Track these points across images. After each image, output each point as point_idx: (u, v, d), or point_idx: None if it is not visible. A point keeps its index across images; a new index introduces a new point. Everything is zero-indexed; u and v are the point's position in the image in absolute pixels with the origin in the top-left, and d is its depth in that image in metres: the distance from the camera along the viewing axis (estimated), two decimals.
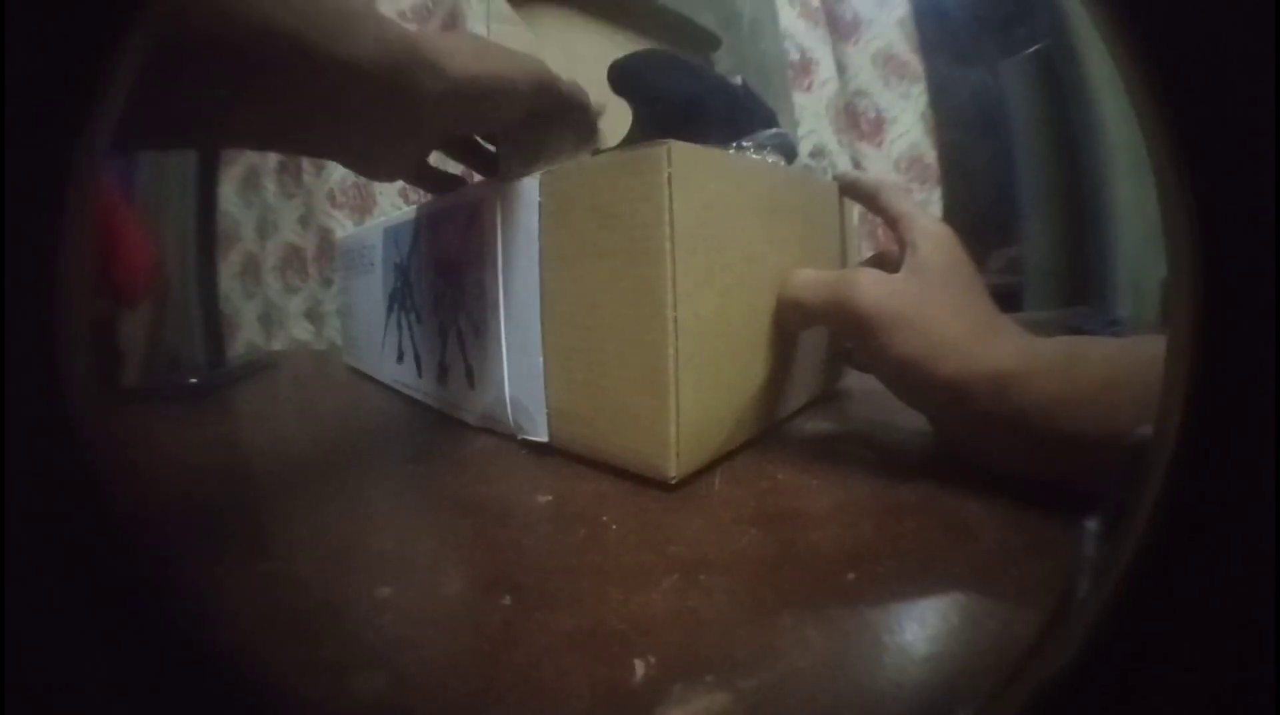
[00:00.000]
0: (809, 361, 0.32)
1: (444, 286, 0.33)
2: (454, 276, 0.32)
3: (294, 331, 0.69)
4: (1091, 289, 0.59)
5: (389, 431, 0.36)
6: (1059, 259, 0.61)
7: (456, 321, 0.32)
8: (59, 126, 0.09)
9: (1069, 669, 0.11)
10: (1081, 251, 0.59)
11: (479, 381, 0.31)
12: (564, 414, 0.27)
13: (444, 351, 0.34)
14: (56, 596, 0.10)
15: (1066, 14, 0.58)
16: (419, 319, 0.37)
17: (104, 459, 0.10)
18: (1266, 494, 0.09)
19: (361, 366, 0.50)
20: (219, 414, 0.43)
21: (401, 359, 0.40)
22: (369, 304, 0.44)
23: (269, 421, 0.42)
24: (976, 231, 0.33)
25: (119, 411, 0.34)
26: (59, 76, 0.09)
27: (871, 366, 0.25)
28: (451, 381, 0.33)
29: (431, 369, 0.36)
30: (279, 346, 0.69)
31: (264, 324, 0.69)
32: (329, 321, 0.68)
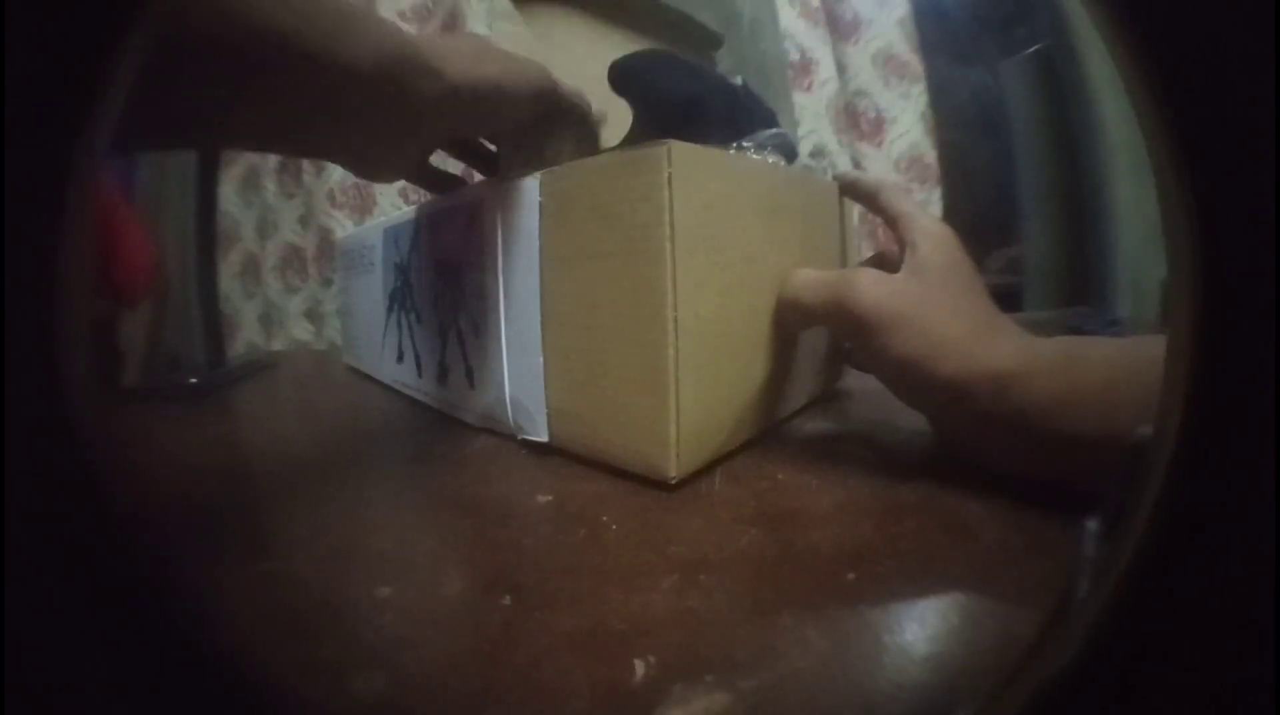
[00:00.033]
0: (809, 361, 0.32)
1: (444, 286, 0.33)
2: (454, 276, 0.32)
3: (294, 331, 0.70)
4: (1091, 289, 0.59)
5: (389, 431, 0.36)
6: (1059, 259, 0.61)
7: (456, 321, 0.32)
8: (59, 126, 0.09)
9: (1069, 669, 0.11)
10: (1081, 251, 0.59)
11: (479, 381, 0.31)
12: (564, 414, 0.27)
13: (444, 351, 0.34)
14: (56, 596, 0.10)
15: (1066, 14, 0.58)
16: (419, 319, 0.37)
17: (104, 459, 0.10)
18: (1266, 494, 0.09)
19: (361, 366, 0.50)
20: (219, 414, 0.43)
21: (401, 359, 0.40)
22: (369, 304, 0.44)
23: (269, 421, 0.42)
24: (976, 231, 0.33)
25: (119, 411, 0.34)
26: (59, 76, 0.09)
27: (871, 366, 0.25)
28: (451, 381, 0.33)
29: (431, 369, 0.36)
30: (279, 346, 0.69)
31: (264, 324, 0.69)
32: (329, 321, 0.68)
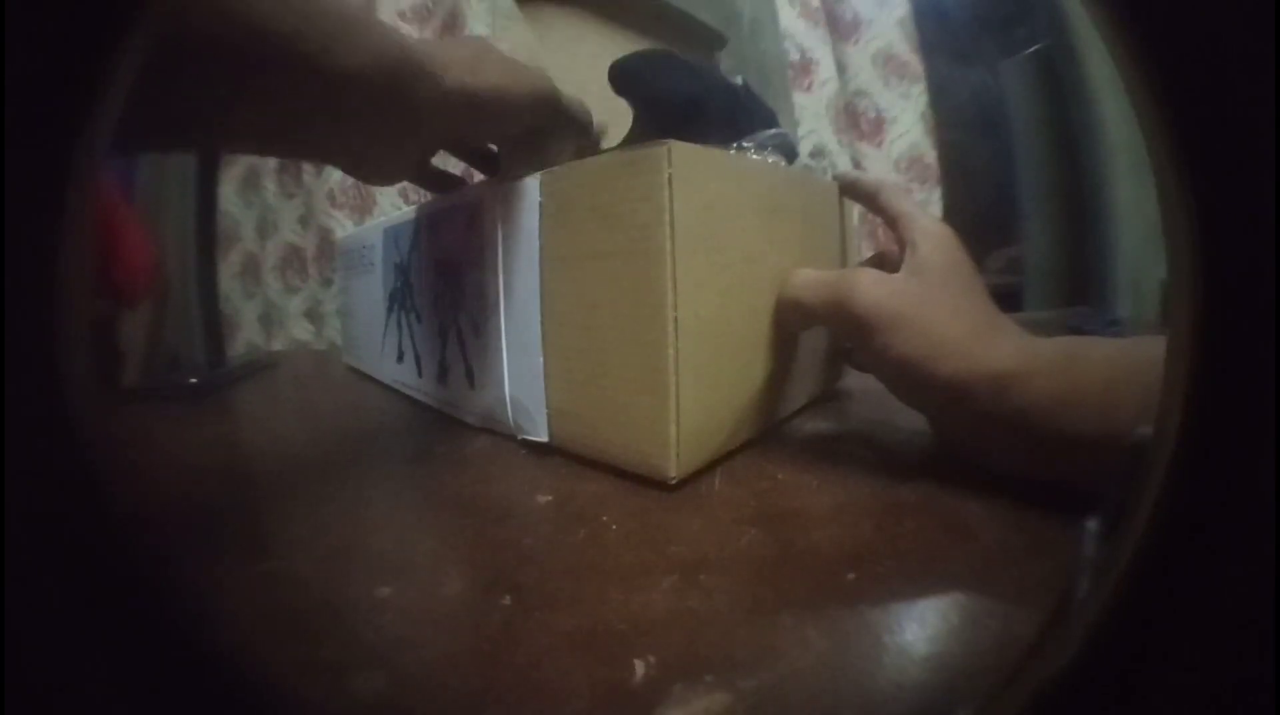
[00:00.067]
0: (809, 361, 0.32)
1: (444, 286, 0.33)
2: (454, 276, 0.32)
3: (294, 331, 0.69)
4: (1091, 289, 0.59)
5: (389, 431, 0.36)
6: (1059, 259, 0.61)
7: (456, 321, 0.32)
8: (59, 126, 0.09)
9: (1069, 669, 0.11)
10: (1081, 251, 0.59)
11: (479, 381, 0.31)
12: (564, 414, 0.27)
13: (444, 351, 0.34)
14: (56, 596, 0.10)
15: (1066, 14, 0.58)
16: (419, 319, 0.37)
17: (104, 459, 0.10)
18: (1266, 494, 0.09)
19: (361, 366, 0.50)
20: (219, 414, 0.43)
21: (401, 359, 0.40)
22: (369, 304, 0.44)
23: (269, 421, 0.42)
24: (976, 231, 0.33)
25: (119, 411, 0.34)
26: (59, 76, 0.09)
27: (871, 366, 0.25)
28: (451, 381, 0.33)
29: (431, 369, 0.36)
30: (279, 346, 0.69)
31: (264, 324, 0.69)
32: (329, 321, 0.68)
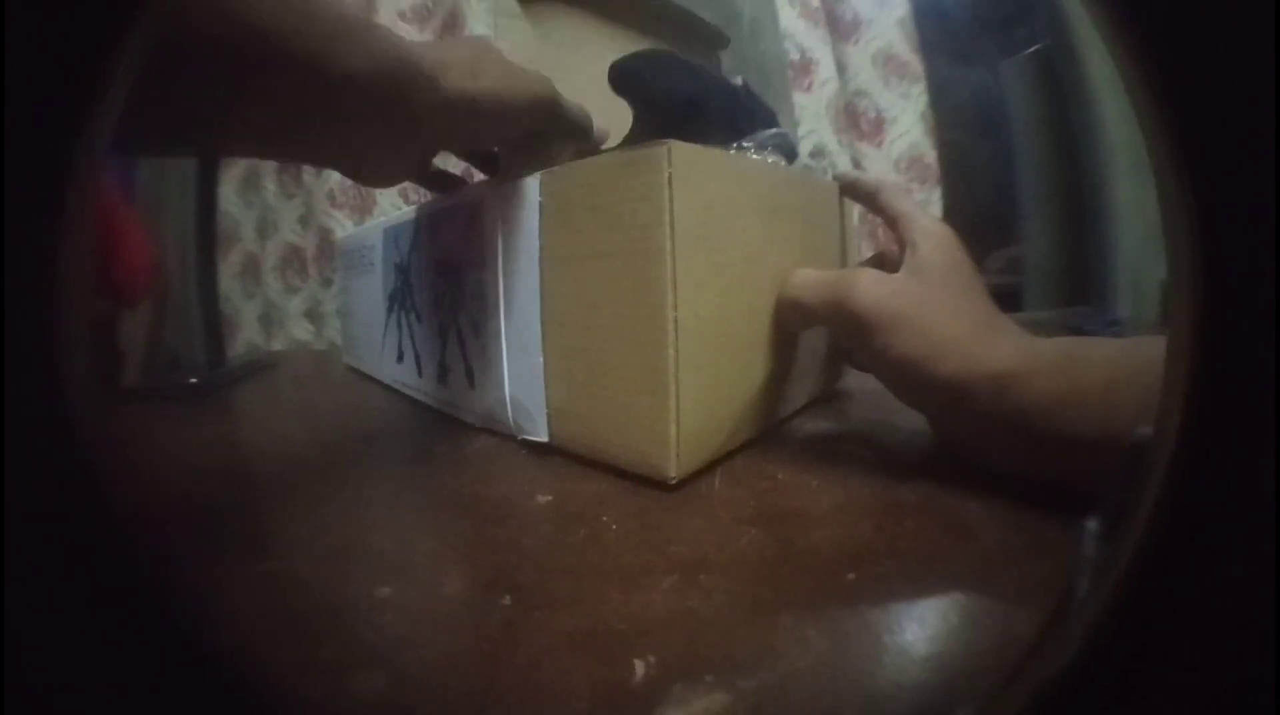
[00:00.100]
0: (809, 361, 0.32)
1: (444, 286, 0.33)
2: (454, 276, 0.32)
3: (294, 331, 0.70)
4: (1091, 289, 0.59)
5: (389, 431, 0.36)
6: (1059, 259, 0.61)
7: (456, 321, 0.32)
8: (59, 126, 0.09)
9: (1069, 669, 0.11)
10: (1081, 251, 0.59)
11: (479, 381, 0.31)
12: (564, 414, 0.27)
13: (444, 351, 0.34)
14: (56, 596, 0.10)
15: (1066, 14, 0.58)
16: (419, 319, 0.37)
17: (104, 459, 0.10)
18: (1266, 494, 0.09)
19: (361, 366, 0.50)
20: (219, 414, 0.43)
21: (401, 359, 0.40)
22: (369, 304, 0.44)
23: (269, 421, 0.42)
24: (976, 231, 0.33)
25: (119, 411, 0.34)
26: (59, 76, 0.09)
27: (871, 366, 0.25)
28: (451, 381, 0.33)
29: (431, 369, 0.36)
30: (279, 346, 0.69)
31: (264, 324, 0.69)
32: (329, 321, 0.68)
